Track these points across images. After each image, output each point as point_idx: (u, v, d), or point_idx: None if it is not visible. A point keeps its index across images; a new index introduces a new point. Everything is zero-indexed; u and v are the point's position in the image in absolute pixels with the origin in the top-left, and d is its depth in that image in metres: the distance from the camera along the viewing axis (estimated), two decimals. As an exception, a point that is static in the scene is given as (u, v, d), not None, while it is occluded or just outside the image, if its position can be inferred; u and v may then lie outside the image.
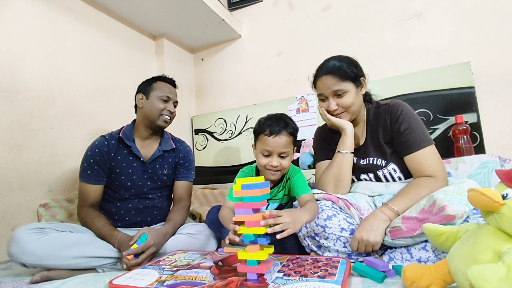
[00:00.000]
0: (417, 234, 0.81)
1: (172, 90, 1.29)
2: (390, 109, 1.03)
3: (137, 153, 1.21)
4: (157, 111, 1.23)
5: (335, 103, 1.03)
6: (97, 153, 1.16)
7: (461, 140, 1.51)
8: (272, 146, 1.02)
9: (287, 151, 1.04)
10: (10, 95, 1.32)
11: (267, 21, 2.22)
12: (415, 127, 0.97)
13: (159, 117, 1.23)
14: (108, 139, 1.20)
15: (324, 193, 1.01)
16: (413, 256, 0.84)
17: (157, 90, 1.25)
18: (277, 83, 2.15)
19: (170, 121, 1.28)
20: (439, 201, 0.79)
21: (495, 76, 1.57)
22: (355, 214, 0.95)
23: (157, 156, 1.25)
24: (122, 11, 1.86)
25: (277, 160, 1.03)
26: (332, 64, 1.03)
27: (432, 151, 0.96)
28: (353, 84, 1.02)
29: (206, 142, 2.32)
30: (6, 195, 1.27)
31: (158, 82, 1.28)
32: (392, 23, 1.82)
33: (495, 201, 0.51)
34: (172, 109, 1.27)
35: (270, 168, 1.04)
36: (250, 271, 0.71)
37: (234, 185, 0.74)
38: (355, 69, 1.02)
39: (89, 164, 1.15)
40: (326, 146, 1.17)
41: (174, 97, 1.29)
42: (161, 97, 1.24)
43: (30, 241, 0.91)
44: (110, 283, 0.77)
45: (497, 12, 1.59)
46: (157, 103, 1.23)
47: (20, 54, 1.37)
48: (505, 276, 0.44)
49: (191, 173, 1.35)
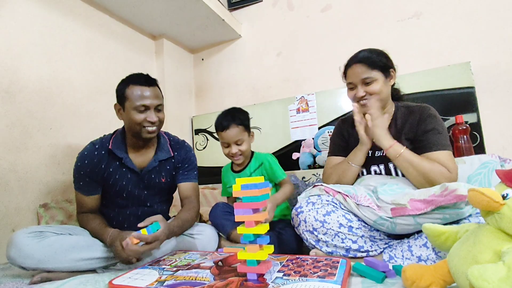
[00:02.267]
0: (421, 213, 0.81)
1: (149, 94, 1.05)
2: (423, 109, 1.06)
3: (130, 165, 1.10)
4: (136, 125, 1.05)
5: (363, 90, 1.06)
6: (87, 165, 1.06)
7: (461, 140, 1.51)
8: (226, 138, 1.25)
9: (240, 138, 1.25)
10: (10, 95, 1.32)
11: (267, 21, 2.22)
12: (441, 131, 1.01)
13: (141, 130, 1.06)
14: (98, 149, 1.08)
15: (325, 185, 1.03)
16: (414, 254, 0.84)
17: (130, 99, 1.04)
18: (277, 83, 2.15)
19: (156, 130, 1.09)
20: (451, 187, 0.79)
21: (495, 76, 1.57)
22: (351, 203, 0.95)
23: (153, 167, 1.14)
24: (122, 11, 1.86)
25: (235, 147, 1.25)
26: (363, 54, 1.08)
27: (451, 156, 0.99)
28: (381, 73, 1.05)
29: (206, 142, 2.32)
30: (5, 196, 1.26)
31: (131, 86, 1.05)
32: (392, 23, 1.82)
33: (495, 201, 0.51)
34: (153, 119, 1.05)
35: (233, 155, 1.27)
36: (250, 271, 0.71)
37: (234, 185, 0.74)
38: (385, 59, 1.06)
39: (80, 176, 1.07)
40: (341, 142, 1.21)
41: (154, 102, 1.05)
42: (136, 107, 1.03)
43: (29, 245, 0.90)
44: (110, 283, 0.77)
45: (497, 12, 1.58)
46: (134, 115, 1.03)
47: (20, 54, 1.37)
48: (505, 276, 0.44)
49: (193, 173, 1.24)
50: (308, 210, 0.97)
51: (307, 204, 0.99)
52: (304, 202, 1.00)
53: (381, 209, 0.89)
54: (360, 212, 0.93)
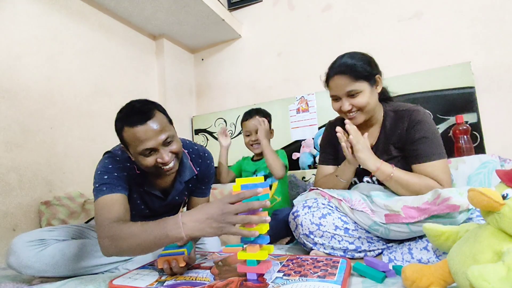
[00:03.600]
0: (414, 221, 0.80)
1: (150, 133, 0.83)
2: (410, 115, 0.99)
3: (155, 192, 0.99)
4: (151, 169, 0.88)
5: (348, 103, 0.98)
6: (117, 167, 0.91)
7: (461, 140, 1.51)
8: (249, 126, 1.53)
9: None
10: (10, 95, 1.32)
11: (267, 21, 2.22)
12: (430, 138, 0.95)
13: (159, 171, 0.89)
14: (125, 165, 0.93)
15: (320, 189, 1.03)
16: (414, 257, 0.84)
17: (132, 145, 0.85)
18: (277, 83, 2.15)
19: (175, 165, 0.91)
20: (443, 194, 0.78)
21: (495, 76, 1.57)
22: (346, 207, 0.95)
23: (179, 191, 1.03)
24: (122, 11, 1.86)
25: (255, 136, 1.50)
26: (344, 63, 0.98)
27: (442, 165, 0.94)
28: (367, 83, 0.97)
29: (206, 142, 2.32)
30: (6, 195, 1.27)
31: (126, 129, 0.84)
32: (392, 23, 1.82)
33: (495, 201, 0.51)
34: (165, 159, 0.85)
35: (252, 143, 1.54)
36: (250, 271, 0.71)
37: (234, 185, 0.74)
38: (369, 67, 0.98)
39: (112, 175, 0.89)
40: (330, 149, 1.17)
41: (157, 140, 0.84)
42: (142, 153, 0.84)
43: (30, 256, 0.85)
44: (110, 283, 0.76)
45: (497, 12, 1.58)
46: (143, 161, 0.86)
47: (20, 54, 1.37)
48: (505, 276, 0.44)
49: (209, 188, 1.15)
50: (304, 213, 0.97)
51: (303, 208, 0.99)
52: (300, 206, 1.00)
53: (375, 214, 0.89)
54: (354, 216, 0.93)
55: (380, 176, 0.95)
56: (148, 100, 0.91)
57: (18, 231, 1.28)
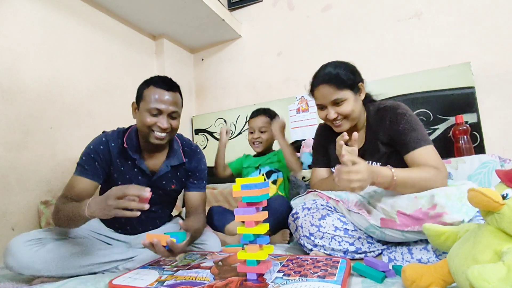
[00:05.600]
0: (408, 230, 0.81)
1: (166, 99, 0.99)
2: (391, 110, 1.01)
3: (144, 167, 1.05)
4: (146, 128, 0.99)
5: (334, 112, 1.01)
6: (101, 151, 1.01)
7: (461, 140, 1.51)
8: (253, 123, 1.54)
9: (264, 127, 1.51)
10: (10, 95, 1.32)
11: (267, 21, 2.22)
12: (415, 127, 0.96)
13: (149, 134, 1.00)
14: (112, 145, 1.03)
15: (318, 191, 1.03)
16: (414, 257, 0.84)
17: (146, 100, 0.99)
18: (277, 83, 2.15)
19: (167, 137, 1.02)
20: (439, 207, 0.77)
21: (495, 76, 1.57)
22: (343, 208, 0.96)
23: (165, 172, 1.08)
24: (122, 11, 1.86)
25: (258, 133, 1.52)
26: (328, 72, 1.01)
27: (432, 150, 0.94)
28: (351, 91, 1.00)
29: (206, 142, 2.32)
30: (5, 194, 1.27)
31: (151, 87, 1.00)
32: (392, 23, 1.82)
33: (495, 201, 0.51)
34: (164, 125, 0.98)
35: (254, 140, 1.53)
36: (250, 271, 0.71)
37: (234, 185, 0.74)
38: (352, 75, 1.00)
39: (89, 159, 0.99)
40: (322, 152, 1.18)
41: (168, 108, 0.99)
42: (149, 110, 0.98)
43: (28, 255, 0.86)
44: (110, 283, 0.76)
45: (497, 12, 1.59)
46: (145, 117, 0.98)
47: (20, 54, 1.37)
48: (505, 276, 0.44)
49: (203, 183, 1.19)
50: (304, 215, 0.97)
51: (303, 210, 0.99)
52: (299, 208, 1.00)
53: (372, 216, 0.89)
54: (351, 218, 0.93)
55: (384, 183, 0.86)
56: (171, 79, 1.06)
57: (17, 231, 1.28)
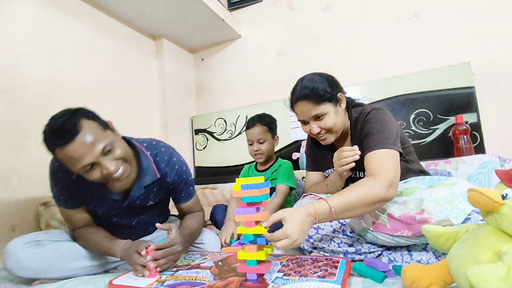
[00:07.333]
0: (397, 234, 0.81)
1: (82, 149, 0.77)
2: (364, 114, 0.99)
3: (110, 195, 0.92)
4: (102, 181, 0.84)
5: (316, 126, 0.98)
6: (62, 179, 0.89)
7: (461, 140, 1.51)
8: (250, 135, 1.41)
9: (262, 137, 1.39)
10: (10, 95, 1.32)
11: (266, 21, 2.22)
12: (377, 130, 0.91)
13: (110, 181, 0.85)
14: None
15: (313, 194, 1.02)
16: (413, 258, 0.84)
17: (69, 165, 0.80)
18: (277, 83, 2.15)
19: (125, 171, 0.85)
20: (426, 212, 0.77)
21: (495, 76, 1.57)
22: None
23: (138, 195, 0.94)
24: (122, 11, 1.86)
25: (257, 145, 1.39)
26: (305, 87, 0.97)
27: (385, 154, 0.86)
28: (330, 103, 0.96)
29: (206, 142, 2.32)
30: (5, 195, 1.27)
31: (57, 151, 0.79)
32: (392, 23, 1.82)
33: (495, 201, 0.51)
34: (110, 168, 0.80)
35: (255, 154, 1.42)
36: (249, 271, 0.71)
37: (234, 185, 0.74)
38: (329, 88, 0.96)
39: (58, 190, 0.91)
40: (313, 156, 1.18)
41: (95, 150, 0.78)
42: (83, 170, 0.80)
43: (26, 256, 0.85)
44: (110, 283, 0.77)
45: (497, 12, 1.59)
46: (89, 177, 0.82)
47: (20, 54, 1.37)
48: (505, 276, 0.44)
49: (190, 189, 1.07)
50: None
51: None
52: None
53: (364, 219, 0.88)
54: (347, 219, 0.92)
55: (324, 218, 0.77)
56: (70, 110, 0.82)
57: (17, 232, 1.28)
